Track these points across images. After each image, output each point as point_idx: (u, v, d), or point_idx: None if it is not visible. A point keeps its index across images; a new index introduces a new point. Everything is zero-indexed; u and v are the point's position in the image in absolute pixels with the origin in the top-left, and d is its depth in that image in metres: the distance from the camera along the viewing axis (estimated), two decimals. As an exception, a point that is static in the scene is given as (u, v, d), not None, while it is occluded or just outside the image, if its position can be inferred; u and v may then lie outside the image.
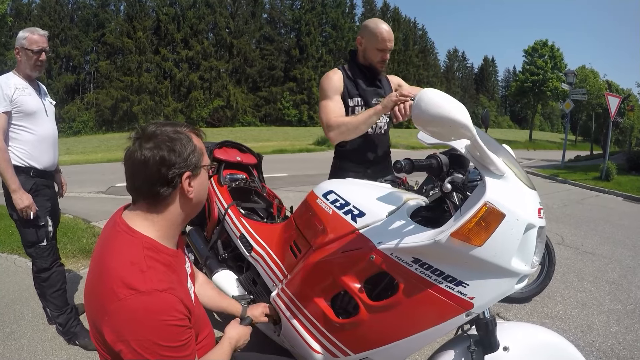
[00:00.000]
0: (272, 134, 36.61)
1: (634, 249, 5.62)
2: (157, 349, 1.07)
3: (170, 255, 1.24)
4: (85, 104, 52.71)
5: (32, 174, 2.61)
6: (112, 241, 1.19)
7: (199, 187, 1.26)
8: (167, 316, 1.09)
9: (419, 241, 1.40)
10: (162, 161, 1.15)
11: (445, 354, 1.58)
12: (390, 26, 2.58)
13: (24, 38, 2.55)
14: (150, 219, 1.21)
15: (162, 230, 1.23)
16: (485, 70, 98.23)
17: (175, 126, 1.23)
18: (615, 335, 3.19)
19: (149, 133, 1.18)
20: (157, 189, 1.17)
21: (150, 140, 1.16)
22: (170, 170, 1.16)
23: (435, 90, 1.27)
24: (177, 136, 1.19)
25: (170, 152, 1.16)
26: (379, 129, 2.67)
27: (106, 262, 1.15)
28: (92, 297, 1.17)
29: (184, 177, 1.20)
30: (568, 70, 20.98)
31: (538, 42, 48.54)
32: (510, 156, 1.56)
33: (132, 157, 1.16)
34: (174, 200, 1.22)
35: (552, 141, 50.38)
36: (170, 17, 56.27)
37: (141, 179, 1.17)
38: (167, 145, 1.16)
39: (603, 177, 12.84)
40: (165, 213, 1.23)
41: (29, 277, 3.02)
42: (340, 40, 64.19)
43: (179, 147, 1.18)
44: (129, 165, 1.18)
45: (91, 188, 9.78)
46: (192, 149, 1.21)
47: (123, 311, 1.07)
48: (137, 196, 1.23)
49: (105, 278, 1.11)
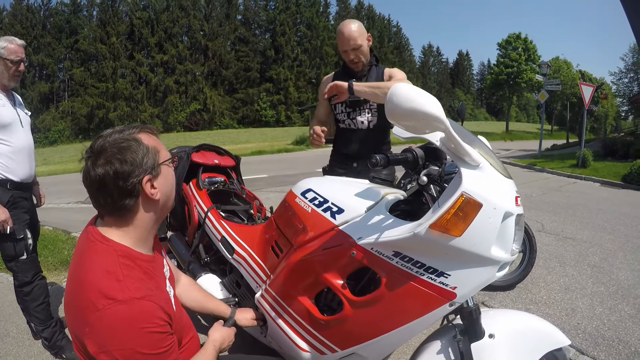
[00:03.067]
0: (250, 135, 36.51)
1: (613, 232, 5.74)
2: (139, 357, 1.06)
3: (146, 261, 1.23)
4: (60, 112, 51.67)
5: (8, 187, 2.55)
6: (87, 251, 1.17)
7: (163, 185, 1.24)
8: (147, 324, 1.08)
9: (398, 234, 1.41)
10: (117, 175, 1.13)
11: (432, 344, 1.60)
12: (365, 24, 2.62)
13: (3, 47, 2.48)
14: (121, 229, 1.20)
15: (135, 237, 1.22)
16: (460, 64, 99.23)
17: (122, 132, 1.20)
18: (599, 317, 3.25)
19: (97, 149, 1.15)
20: (121, 203, 1.16)
21: (101, 156, 1.13)
22: (128, 181, 1.14)
23: (408, 84, 1.28)
24: (126, 144, 1.16)
25: (122, 164, 1.13)
26: (361, 123, 2.71)
27: (82, 273, 1.13)
28: (71, 310, 1.16)
29: (144, 182, 1.17)
30: (542, 62, 21.41)
31: (511, 35, 49.41)
32: (486, 147, 1.58)
33: (89, 178, 1.14)
34: (140, 208, 1.20)
35: (528, 131, 51.19)
36: (143, 21, 55.61)
37: (102, 197, 1.15)
38: (118, 157, 1.13)
39: (580, 164, 13.08)
40: (135, 221, 1.21)
41: (11, 292, 2.95)
42: (315, 39, 64.21)
43: (130, 156, 1.15)
44: (87, 185, 1.16)
45: (69, 198, 9.60)
46: (144, 152, 1.18)
47: (103, 322, 1.05)
48: (104, 212, 1.21)
49: (83, 289, 1.10)
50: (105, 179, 1.12)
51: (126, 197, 1.15)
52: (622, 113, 44.62)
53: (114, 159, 1.13)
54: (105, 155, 1.13)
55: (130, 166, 1.14)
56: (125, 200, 1.15)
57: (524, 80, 46.02)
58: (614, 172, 11.56)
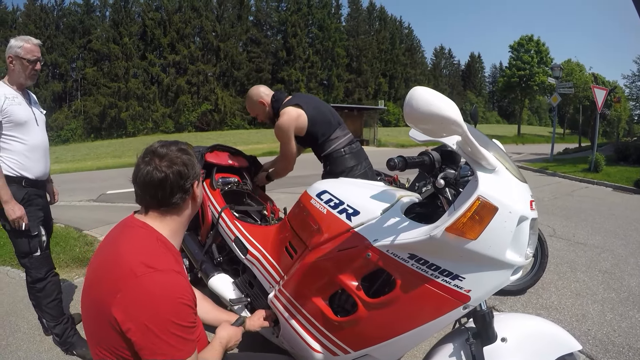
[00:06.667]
0: (262, 136, 36.49)
1: (625, 238, 5.68)
2: (169, 325, 1.14)
3: (176, 254, 1.36)
4: (73, 111, 52.16)
5: (23, 184, 2.59)
6: (126, 233, 1.33)
7: (200, 189, 1.46)
8: (181, 295, 1.19)
9: (414, 237, 1.42)
10: (180, 175, 1.34)
11: (444, 347, 1.60)
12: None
13: (19, 47, 2.52)
14: (163, 220, 1.37)
15: (172, 229, 1.39)
16: (472, 66, 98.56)
17: (177, 143, 1.41)
18: (610, 323, 3.22)
19: (161, 153, 1.34)
20: (174, 199, 1.35)
21: (164, 159, 1.33)
22: (187, 182, 1.36)
23: (425, 88, 1.28)
24: (186, 153, 1.38)
25: (185, 167, 1.35)
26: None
27: (120, 249, 1.26)
28: (101, 283, 1.23)
29: (195, 185, 1.40)
30: (554, 65, 21.24)
31: (524, 37, 48.99)
32: (501, 150, 1.58)
33: (150, 176, 1.31)
34: (184, 205, 1.41)
35: (540, 135, 50.80)
36: (156, 22, 55.83)
37: (161, 192, 1.33)
38: (182, 161, 1.35)
39: (592, 168, 12.95)
40: (176, 215, 1.40)
41: (23, 288, 2.99)
42: (327, 41, 64.12)
43: (190, 162, 1.38)
44: (147, 182, 1.32)
45: (82, 196, 9.71)
46: (196, 160, 1.42)
47: (140, 287, 1.15)
48: (153, 206, 1.37)
49: (121, 260, 1.22)
50: (169, 177, 1.32)
51: (180, 194, 1.36)
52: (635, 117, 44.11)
53: (178, 161, 1.34)
54: (169, 158, 1.34)
55: (191, 170, 1.37)
56: (178, 196, 1.36)
57: (536, 83, 45.63)
58: (627, 177, 11.41)
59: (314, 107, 2.83)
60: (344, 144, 2.88)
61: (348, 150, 2.87)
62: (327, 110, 2.93)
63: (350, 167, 2.83)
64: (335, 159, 2.85)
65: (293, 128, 2.74)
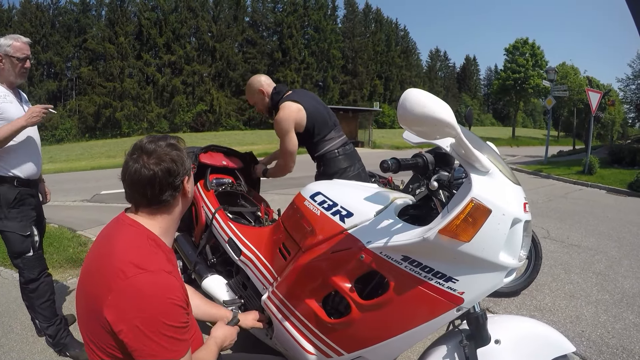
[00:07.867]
0: (257, 137, 36.43)
1: (618, 240, 5.71)
2: (160, 327, 1.13)
3: (168, 251, 1.35)
4: (67, 111, 51.81)
5: (15, 184, 2.57)
6: (117, 232, 1.30)
7: (191, 185, 1.42)
8: (173, 295, 1.17)
9: (408, 239, 1.42)
10: (169, 172, 1.30)
11: (438, 349, 1.60)
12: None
13: (8, 45, 2.50)
14: (153, 218, 1.35)
15: (163, 227, 1.36)
16: (467, 69, 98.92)
17: (166, 138, 1.37)
18: (604, 325, 3.24)
19: (149, 150, 1.30)
20: (163, 197, 1.32)
21: (152, 156, 1.29)
22: (177, 178, 1.33)
23: (419, 90, 1.28)
24: (175, 149, 1.34)
25: (174, 163, 1.31)
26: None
27: (111, 248, 1.24)
28: (93, 281, 1.22)
29: (185, 181, 1.37)
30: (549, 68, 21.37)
31: (519, 40, 49.32)
32: (495, 153, 1.58)
33: (139, 173, 1.27)
34: (175, 202, 1.37)
35: (534, 137, 50.99)
36: (152, 22, 55.74)
37: (150, 190, 1.29)
38: (170, 157, 1.31)
39: (586, 171, 13.01)
40: (167, 213, 1.37)
41: (16, 288, 2.97)
42: (322, 42, 64.29)
43: (179, 157, 1.34)
44: (136, 180, 1.28)
45: (76, 196, 9.66)
46: (186, 156, 1.38)
47: (131, 288, 1.13)
48: (142, 204, 1.34)
49: (111, 260, 1.20)
50: (157, 175, 1.28)
51: (170, 191, 1.33)
52: (629, 120, 44.37)
53: (167, 158, 1.30)
54: (157, 155, 1.29)
55: (180, 166, 1.33)
56: (168, 194, 1.32)
57: (531, 86, 45.94)
58: (621, 180, 11.48)
59: (313, 105, 2.84)
60: (338, 145, 2.88)
61: (342, 151, 2.87)
62: (325, 110, 2.94)
63: (344, 169, 2.84)
64: (328, 159, 2.85)
65: (293, 122, 2.74)
